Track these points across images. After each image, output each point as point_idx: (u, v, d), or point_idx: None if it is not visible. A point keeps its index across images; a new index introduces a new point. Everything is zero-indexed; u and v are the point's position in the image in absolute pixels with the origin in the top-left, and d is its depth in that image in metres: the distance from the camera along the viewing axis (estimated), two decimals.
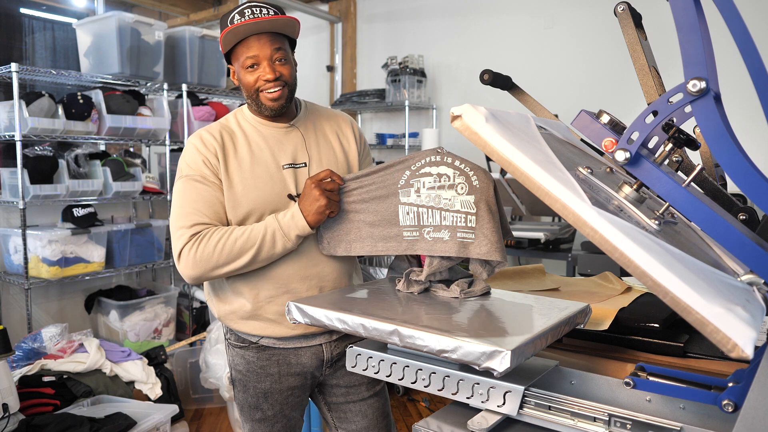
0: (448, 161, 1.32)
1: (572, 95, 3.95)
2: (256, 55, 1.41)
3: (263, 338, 1.51)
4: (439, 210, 1.31)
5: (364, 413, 1.59)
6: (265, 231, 1.39)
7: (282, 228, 1.39)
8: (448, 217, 1.30)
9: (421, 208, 1.33)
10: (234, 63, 1.46)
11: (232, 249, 1.37)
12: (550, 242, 3.23)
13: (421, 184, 1.33)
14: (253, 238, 1.38)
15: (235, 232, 1.39)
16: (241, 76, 1.45)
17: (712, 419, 0.95)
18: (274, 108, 1.45)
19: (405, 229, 1.35)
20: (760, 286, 0.90)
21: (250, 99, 1.46)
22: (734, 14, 0.82)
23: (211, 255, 1.37)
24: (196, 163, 1.43)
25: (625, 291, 1.58)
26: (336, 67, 5.31)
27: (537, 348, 1.03)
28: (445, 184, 1.31)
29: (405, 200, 1.35)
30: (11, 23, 5.30)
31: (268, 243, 1.39)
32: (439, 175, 1.32)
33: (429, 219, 1.33)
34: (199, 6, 5.87)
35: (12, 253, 3.10)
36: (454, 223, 1.30)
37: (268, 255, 1.40)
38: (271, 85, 1.42)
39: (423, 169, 1.34)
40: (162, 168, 3.78)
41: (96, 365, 2.70)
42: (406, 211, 1.35)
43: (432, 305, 1.25)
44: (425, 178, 1.33)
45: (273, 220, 1.40)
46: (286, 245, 1.40)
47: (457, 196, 1.30)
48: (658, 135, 0.89)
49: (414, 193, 1.34)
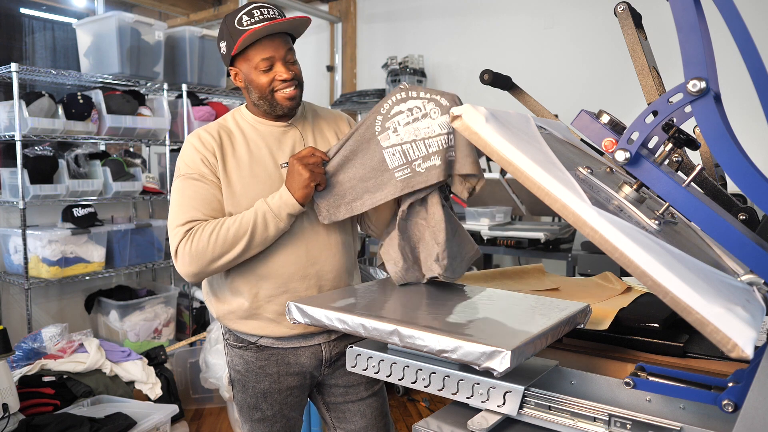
0: (413, 95, 1.35)
1: (572, 95, 3.95)
2: (272, 56, 1.41)
3: (262, 338, 1.50)
4: (422, 140, 1.34)
5: (362, 413, 1.59)
6: (256, 215, 1.38)
7: (272, 209, 1.38)
8: (432, 143, 1.34)
9: (404, 144, 1.36)
10: (241, 65, 1.45)
11: (226, 238, 1.37)
12: (550, 242, 3.23)
13: (396, 123, 1.36)
14: (245, 223, 1.38)
15: (226, 222, 1.39)
16: (253, 78, 1.44)
17: (712, 419, 0.95)
18: (290, 107, 1.47)
19: (396, 171, 1.37)
20: (760, 286, 0.90)
21: (263, 99, 1.46)
22: (734, 14, 0.82)
23: (205, 248, 1.36)
24: (194, 161, 1.43)
25: (625, 291, 1.58)
26: (336, 67, 5.31)
27: (537, 348, 1.03)
28: (418, 115, 1.34)
29: (386, 144, 1.37)
30: (11, 23, 5.30)
31: (260, 226, 1.38)
32: (410, 110, 1.35)
33: (416, 152, 1.35)
34: (199, 6, 5.87)
35: (12, 253, 3.10)
36: (440, 146, 1.33)
37: (262, 239, 1.40)
38: (288, 84, 1.44)
39: (393, 109, 1.37)
40: (162, 168, 3.79)
41: (96, 365, 2.70)
42: (391, 152, 1.37)
43: (432, 305, 1.25)
44: (398, 116, 1.36)
45: (262, 203, 1.40)
46: (279, 225, 1.40)
47: (433, 121, 1.34)
48: (658, 135, 0.89)
49: (393, 134, 1.36)
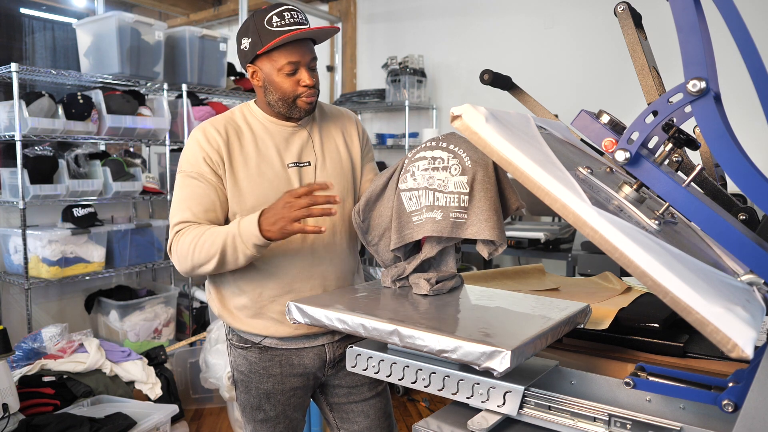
0: (443, 146, 1.33)
1: (572, 95, 3.95)
2: (298, 61, 1.41)
3: (266, 338, 1.50)
4: (432, 191, 1.31)
5: (366, 413, 1.59)
6: (227, 236, 1.32)
7: (241, 235, 1.30)
8: (441, 197, 1.31)
9: (419, 190, 1.33)
10: (263, 64, 1.43)
11: (202, 250, 1.35)
12: (550, 242, 3.23)
13: (415, 168, 1.34)
14: (217, 242, 1.32)
15: (206, 233, 1.35)
16: (275, 79, 1.43)
17: (712, 419, 0.95)
18: (308, 111, 1.47)
19: (413, 215, 1.35)
20: (760, 286, 0.90)
21: (282, 102, 1.45)
22: (734, 14, 0.82)
23: (187, 254, 1.36)
24: (196, 159, 1.43)
25: (625, 291, 1.58)
26: (336, 67, 5.31)
27: (537, 348, 1.03)
28: (439, 166, 1.31)
29: (404, 186, 1.36)
30: (11, 23, 5.30)
31: (230, 249, 1.32)
32: (434, 158, 1.32)
33: (424, 200, 1.33)
34: (199, 6, 5.87)
35: (12, 253, 3.10)
36: (447, 204, 1.30)
37: (233, 260, 1.34)
38: (311, 91, 1.44)
39: (418, 154, 1.35)
40: (162, 168, 3.78)
41: (96, 365, 2.70)
42: (408, 196, 1.35)
43: (432, 305, 1.25)
44: (420, 161, 1.34)
45: (235, 225, 1.32)
46: (246, 253, 1.31)
47: (451, 177, 1.30)
48: (658, 135, 0.89)
49: (410, 177, 1.35)
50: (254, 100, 1.54)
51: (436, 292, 1.34)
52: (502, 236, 1.28)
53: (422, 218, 1.32)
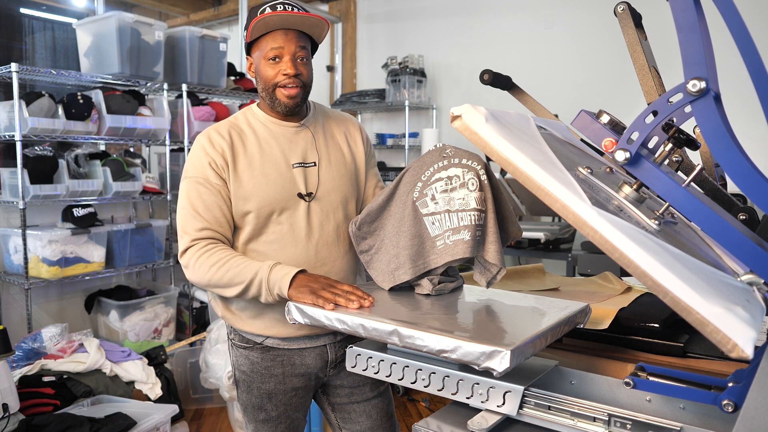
0: (455, 162, 1.30)
1: (572, 95, 3.95)
2: (282, 47, 1.41)
3: (268, 339, 1.50)
4: (455, 212, 1.28)
5: (368, 414, 1.59)
6: (255, 275, 1.34)
7: (268, 282, 1.33)
8: (465, 217, 1.27)
9: (442, 214, 1.30)
10: (254, 53, 1.46)
11: (224, 277, 1.36)
12: (550, 242, 3.23)
13: (434, 190, 1.31)
14: (243, 275, 1.35)
15: (231, 261, 1.36)
16: (261, 68, 1.45)
17: (712, 419, 0.95)
18: (289, 105, 1.45)
19: (437, 239, 1.32)
20: (760, 286, 0.90)
21: (265, 93, 1.46)
22: (734, 14, 0.82)
23: (205, 273, 1.38)
24: (202, 164, 1.44)
25: (625, 291, 1.58)
26: (336, 67, 5.31)
27: (537, 348, 1.03)
28: (456, 184, 1.29)
29: (425, 211, 1.32)
30: (11, 23, 5.30)
31: (255, 287, 1.35)
32: (449, 178, 1.30)
33: (448, 223, 1.30)
34: (199, 6, 5.87)
35: (12, 253, 3.10)
36: (471, 222, 1.27)
37: (249, 296, 1.37)
38: (291, 81, 1.43)
39: (434, 176, 1.32)
40: (162, 168, 3.78)
41: (96, 365, 2.70)
42: (431, 221, 1.32)
43: (432, 305, 1.25)
44: (437, 183, 1.31)
45: (267, 268, 1.34)
46: (268, 299, 1.35)
47: (470, 193, 1.28)
48: (658, 135, 0.89)
49: (430, 201, 1.31)
50: (257, 102, 1.55)
51: (438, 292, 1.34)
52: (502, 260, 1.29)
53: (448, 242, 1.29)
